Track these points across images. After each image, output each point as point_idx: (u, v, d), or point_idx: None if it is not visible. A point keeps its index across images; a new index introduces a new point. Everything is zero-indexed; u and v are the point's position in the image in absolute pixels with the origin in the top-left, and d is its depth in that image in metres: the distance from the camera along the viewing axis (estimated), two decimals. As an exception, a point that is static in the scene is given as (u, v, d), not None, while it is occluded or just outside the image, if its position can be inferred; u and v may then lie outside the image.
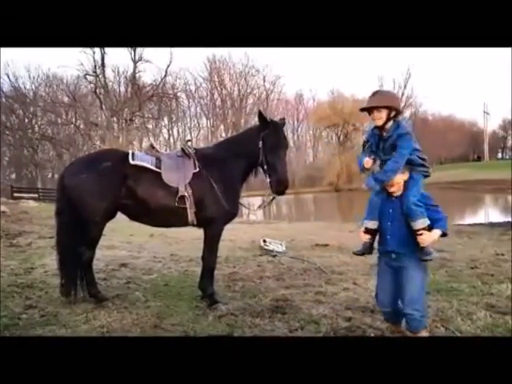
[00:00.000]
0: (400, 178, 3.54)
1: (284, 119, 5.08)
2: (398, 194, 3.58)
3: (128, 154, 4.77)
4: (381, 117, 3.58)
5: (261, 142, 4.61)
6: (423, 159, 3.61)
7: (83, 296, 4.91)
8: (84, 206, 4.61)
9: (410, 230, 3.50)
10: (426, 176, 3.67)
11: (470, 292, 5.17)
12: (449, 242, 9.44)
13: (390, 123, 3.58)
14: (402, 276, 3.56)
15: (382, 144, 3.64)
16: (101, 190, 4.57)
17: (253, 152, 4.67)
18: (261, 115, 4.74)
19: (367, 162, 3.67)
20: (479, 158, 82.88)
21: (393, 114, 3.56)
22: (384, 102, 3.55)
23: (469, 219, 18.93)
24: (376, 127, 3.68)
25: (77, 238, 4.72)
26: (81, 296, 4.90)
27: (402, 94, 67.10)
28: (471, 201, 32.43)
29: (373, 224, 3.74)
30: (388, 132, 3.59)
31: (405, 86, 66.92)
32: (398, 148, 3.50)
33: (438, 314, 4.39)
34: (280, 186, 4.61)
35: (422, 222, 3.46)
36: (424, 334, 3.61)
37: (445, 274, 6.10)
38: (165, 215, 4.73)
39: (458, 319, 4.24)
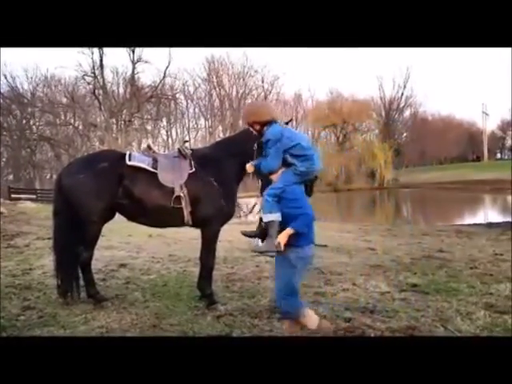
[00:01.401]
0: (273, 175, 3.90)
1: (291, 120, 5.05)
2: None
3: (125, 154, 4.80)
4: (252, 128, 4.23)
5: (256, 144, 4.59)
6: (297, 156, 3.85)
7: (82, 297, 4.91)
8: (81, 206, 4.63)
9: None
10: (297, 174, 3.85)
11: (470, 292, 5.18)
12: (448, 242, 9.49)
13: (264, 129, 4.08)
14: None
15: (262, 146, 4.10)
16: (97, 190, 4.59)
17: (248, 153, 4.62)
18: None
19: (249, 167, 4.40)
20: (478, 159, 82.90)
21: (256, 127, 4.14)
22: (244, 120, 4.23)
23: (468, 219, 18.95)
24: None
25: (74, 238, 4.73)
26: (79, 297, 4.90)
27: (402, 94, 67.14)
28: (470, 201, 32.47)
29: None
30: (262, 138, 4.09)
31: (404, 86, 66.85)
32: (266, 155, 3.98)
33: (437, 314, 4.39)
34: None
35: (265, 217, 3.73)
36: (286, 324, 3.74)
37: (444, 274, 6.10)
38: (161, 215, 4.73)
39: (458, 319, 4.24)
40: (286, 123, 4.86)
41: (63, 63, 67.42)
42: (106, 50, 40.59)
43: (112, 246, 8.60)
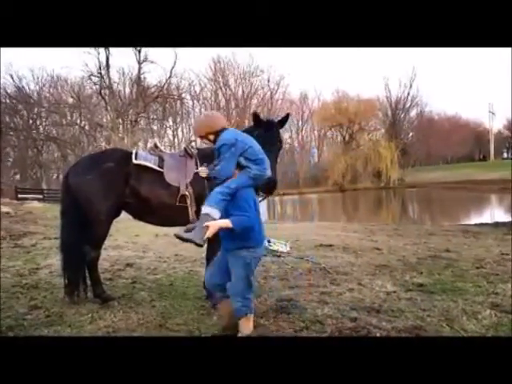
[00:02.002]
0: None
1: (288, 114, 5.06)
2: None
3: (131, 153, 4.83)
4: (204, 140, 4.21)
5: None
6: (251, 160, 3.85)
7: (89, 296, 4.94)
8: (89, 205, 4.67)
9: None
10: (251, 177, 3.85)
11: (476, 291, 5.16)
12: (455, 241, 9.44)
13: (217, 138, 4.00)
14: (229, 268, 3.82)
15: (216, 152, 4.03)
16: (105, 190, 4.63)
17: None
18: (254, 115, 4.75)
19: (202, 171, 4.22)
20: (485, 158, 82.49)
21: (211, 137, 4.07)
22: (197, 133, 4.20)
23: (474, 219, 18.84)
24: None
25: (81, 237, 4.76)
26: (86, 296, 4.93)
27: (408, 94, 66.84)
28: (477, 200, 32.31)
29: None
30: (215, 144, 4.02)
31: (410, 86, 66.48)
32: (219, 159, 3.92)
33: (443, 314, 4.38)
34: (266, 186, 4.48)
35: (205, 208, 3.72)
36: (243, 322, 3.76)
37: (450, 274, 6.07)
38: (167, 214, 4.76)
39: (464, 318, 4.23)
40: (281, 121, 4.86)
41: (69, 63, 67.67)
42: (112, 50, 40.74)
43: (119, 246, 8.64)
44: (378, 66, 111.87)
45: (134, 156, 4.76)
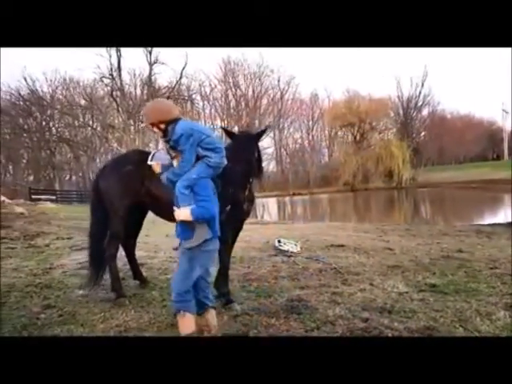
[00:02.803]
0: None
1: (267, 127, 5.13)
2: None
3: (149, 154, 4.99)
4: (154, 129, 3.96)
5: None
6: (210, 149, 3.78)
7: (100, 296, 5.00)
8: (110, 205, 5.09)
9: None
10: (211, 166, 3.79)
11: (489, 292, 5.10)
12: (468, 242, 9.35)
13: (169, 128, 3.82)
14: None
15: (168, 145, 3.89)
16: (122, 192, 5.05)
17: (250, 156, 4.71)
18: (224, 130, 5.04)
19: (156, 166, 4.04)
20: (498, 157, 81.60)
21: (162, 126, 3.85)
22: (145, 122, 3.97)
23: (488, 219, 18.64)
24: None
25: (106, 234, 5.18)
26: (98, 295, 5.00)
27: (420, 93, 66.43)
28: (490, 200, 31.93)
29: None
30: (168, 136, 3.85)
31: (422, 85, 66.10)
32: (180, 152, 3.77)
33: (456, 315, 4.33)
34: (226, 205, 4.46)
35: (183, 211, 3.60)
36: (179, 320, 3.64)
37: (464, 275, 6.01)
38: None
39: (477, 319, 4.18)
40: (259, 134, 4.84)
41: (81, 66, 68.10)
42: (123, 52, 41.07)
43: (130, 246, 8.67)
44: (389, 65, 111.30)
45: (150, 157, 4.86)
